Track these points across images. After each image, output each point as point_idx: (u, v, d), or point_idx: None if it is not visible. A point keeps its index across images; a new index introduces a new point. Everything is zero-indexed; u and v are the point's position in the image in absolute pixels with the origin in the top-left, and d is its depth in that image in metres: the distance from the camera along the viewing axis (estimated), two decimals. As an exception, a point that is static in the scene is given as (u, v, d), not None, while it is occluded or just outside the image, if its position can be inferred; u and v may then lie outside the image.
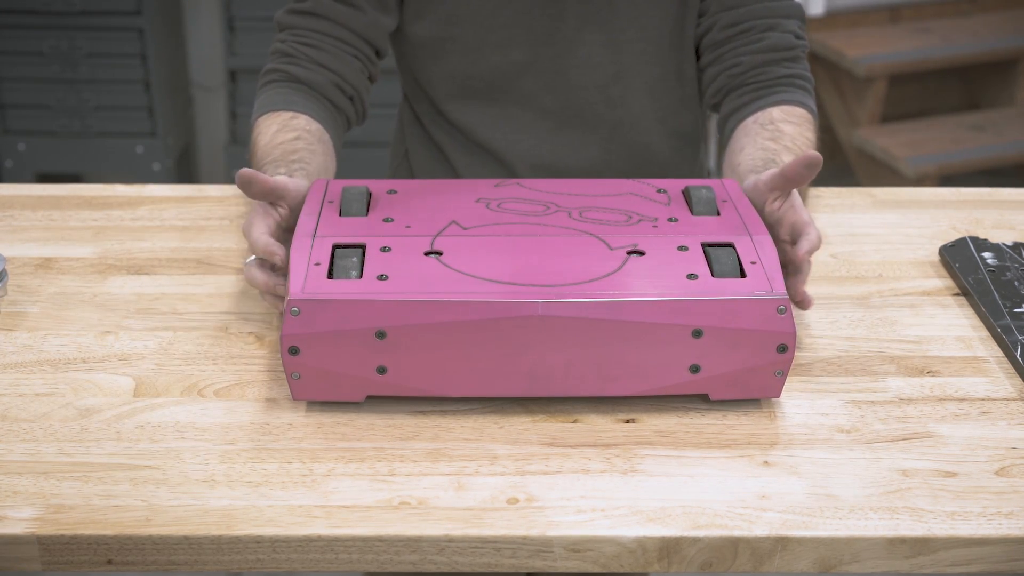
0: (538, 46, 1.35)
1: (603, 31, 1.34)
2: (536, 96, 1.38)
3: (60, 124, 3.06)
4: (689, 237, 1.04)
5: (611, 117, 1.39)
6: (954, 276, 1.21)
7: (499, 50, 1.35)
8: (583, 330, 0.95)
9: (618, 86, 1.37)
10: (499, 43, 1.35)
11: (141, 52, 2.98)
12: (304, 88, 1.29)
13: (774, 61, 1.32)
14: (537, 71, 1.36)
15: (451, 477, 0.92)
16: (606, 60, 1.35)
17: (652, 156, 1.42)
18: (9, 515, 0.87)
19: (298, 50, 1.31)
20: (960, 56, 3.45)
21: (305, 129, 1.24)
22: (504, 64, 1.36)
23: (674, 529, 0.87)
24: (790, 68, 1.32)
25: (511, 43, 1.35)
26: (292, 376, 0.97)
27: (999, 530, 0.87)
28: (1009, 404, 1.01)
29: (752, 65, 1.32)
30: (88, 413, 0.99)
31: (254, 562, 0.87)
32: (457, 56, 1.36)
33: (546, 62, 1.36)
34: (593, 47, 1.35)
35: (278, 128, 1.23)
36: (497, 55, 1.35)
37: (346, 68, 1.31)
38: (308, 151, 1.20)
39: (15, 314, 1.13)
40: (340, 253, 1.00)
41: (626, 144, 1.40)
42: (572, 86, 1.37)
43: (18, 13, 2.95)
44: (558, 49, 1.35)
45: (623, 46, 1.35)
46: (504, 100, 1.38)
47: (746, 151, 1.23)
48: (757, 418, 0.99)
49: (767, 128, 1.26)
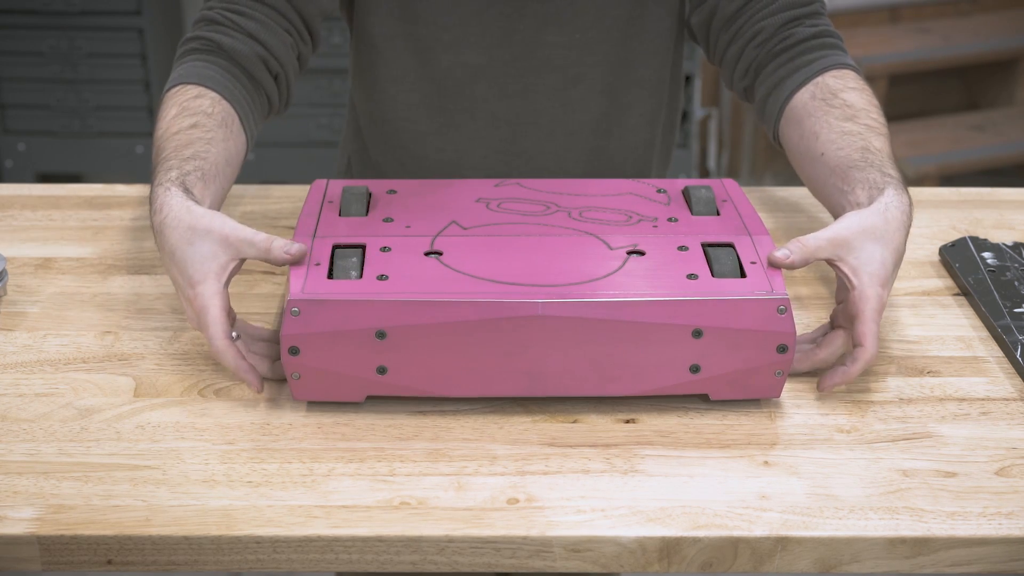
0: (492, 48, 1.28)
1: (564, 32, 1.27)
2: (488, 103, 1.30)
3: (60, 124, 3.06)
4: (689, 237, 1.04)
5: (569, 123, 1.32)
6: (954, 276, 1.21)
7: (450, 51, 1.28)
8: (583, 330, 0.95)
9: (577, 89, 1.30)
10: (451, 44, 1.27)
11: (141, 52, 2.98)
12: (224, 61, 1.16)
13: (796, 19, 1.21)
14: (491, 75, 1.29)
15: (451, 477, 0.92)
16: (567, 62, 1.29)
17: (607, 161, 1.35)
18: (9, 515, 0.87)
19: (226, 17, 1.18)
20: (960, 56, 3.45)
21: (206, 113, 1.10)
22: (455, 67, 1.28)
23: (674, 529, 0.87)
24: (815, 25, 1.22)
25: (463, 44, 1.27)
26: (292, 376, 0.97)
27: (999, 530, 0.87)
28: (1009, 404, 1.01)
29: (775, 29, 1.21)
30: (88, 413, 0.99)
31: (254, 562, 0.87)
32: (407, 56, 1.29)
33: (501, 65, 1.28)
34: (554, 48, 1.28)
35: (177, 112, 1.10)
36: (448, 57, 1.28)
37: (275, 41, 1.19)
38: (204, 141, 1.07)
39: (15, 314, 1.13)
40: (340, 253, 1.00)
41: (583, 150, 1.34)
42: (528, 91, 1.30)
43: (18, 13, 2.96)
44: (515, 52, 1.28)
45: (585, 47, 1.28)
46: (454, 108, 1.31)
47: (824, 137, 1.12)
48: (757, 418, 0.99)
49: (833, 105, 1.14)
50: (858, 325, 0.98)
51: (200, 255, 0.97)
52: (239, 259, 0.98)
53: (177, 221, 0.98)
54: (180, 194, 1.00)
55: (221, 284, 0.97)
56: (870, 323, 0.98)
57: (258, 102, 1.19)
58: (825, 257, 1.00)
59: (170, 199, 0.99)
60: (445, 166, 1.34)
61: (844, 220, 1.02)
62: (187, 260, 0.97)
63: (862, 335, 0.98)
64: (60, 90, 3.03)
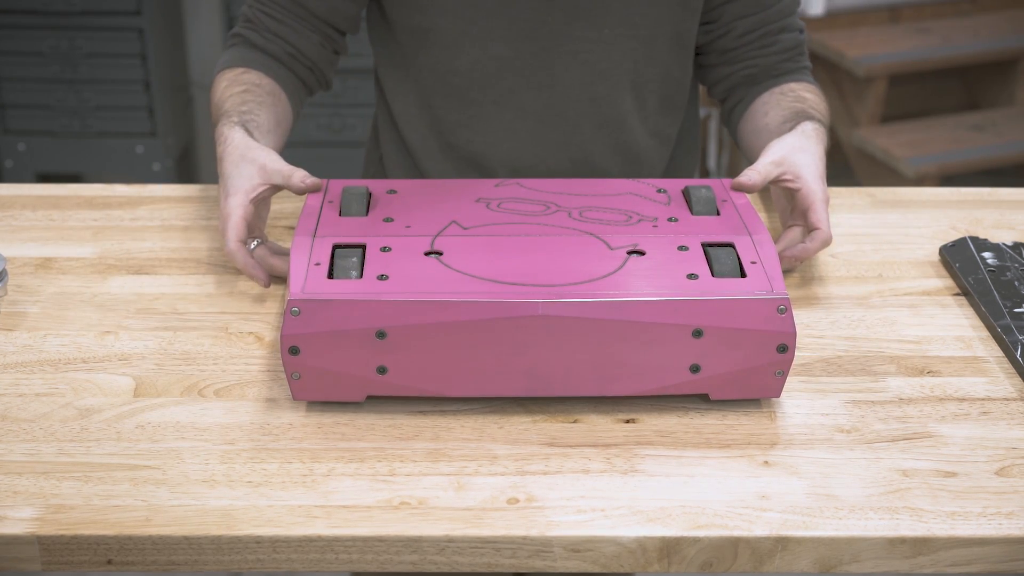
0: (520, 41, 1.31)
1: (593, 27, 1.31)
2: (516, 94, 1.33)
3: (60, 124, 3.06)
4: (689, 237, 1.04)
5: (595, 116, 1.35)
6: (954, 276, 1.21)
7: (478, 44, 1.31)
8: (583, 330, 0.95)
9: (604, 84, 1.34)
10: (479, 36, 1.31)
11: (141, 52, 2.98)
12: (259, 53, 1.32)
13: (786, 60, 1.37)
14: (518, 68, 1.32)
15: (451, 477, 0.92)
16: (594, 57, 1.32)
17: (633, 157, 1.39)
18: (9, 515, 0.87)
19: (259, 18, 1.33)
20: (960, 56, 3.45)
21: (255, 83, 1.28)
22: (484, 59, 1.31)
23: (674, 529, 0.87)
24: (798, 62, 1.38)
25: (491, 36, 1.30)
26: (292, 376, 0.97)
27: (999, 530, 0.87)
28: (1009, 404, 1.01)
29: (767, 66, 1.37)
30: (88, 413, 0.99)
31: (254, 562, 0.87)
32: (437, 49, 1.32)
33: (528, 58, 1.31)
34: (581, 42, 1.31)
35: (228, 83, 1.27)
36: (476, 49, 1.31)
37: (304, 42, 1.33)
38: (256, 103, 1.25)
39: (15, 314, 1.13)
40: (340, 253, 1.00)
41: (608, 144, 1.37)
42: (555, 83, 1.33)
43: (18, 13, 2.95)
44: (543, 44, 1.31)
45: (613, 43, 1.32)
46: (483, 100, 1.34)
47: (772, 113, 1.31)
48: (757, 418, 0.99)
49: (788, 95, 1.32)
50: (811, 215, 1.15)
51: (239, 176, 1.14)
52: (269, 184, 1.14)
53: (234, 149, 1.16)
54: (241, 131, 1.18)
55: (247, 199, 1.12)
56: (821, 211, 1.15)
57: (294, 83, 1.34)
58: (773, 177, 1.17)
59: (233, 133, 1.18)
60: (476, 157, 1.37)
61: (774, 145, 1.20)
62: (229, 178, 1.14)
63: (817, 221, 1.15)
64: (60, 90, 3.02)
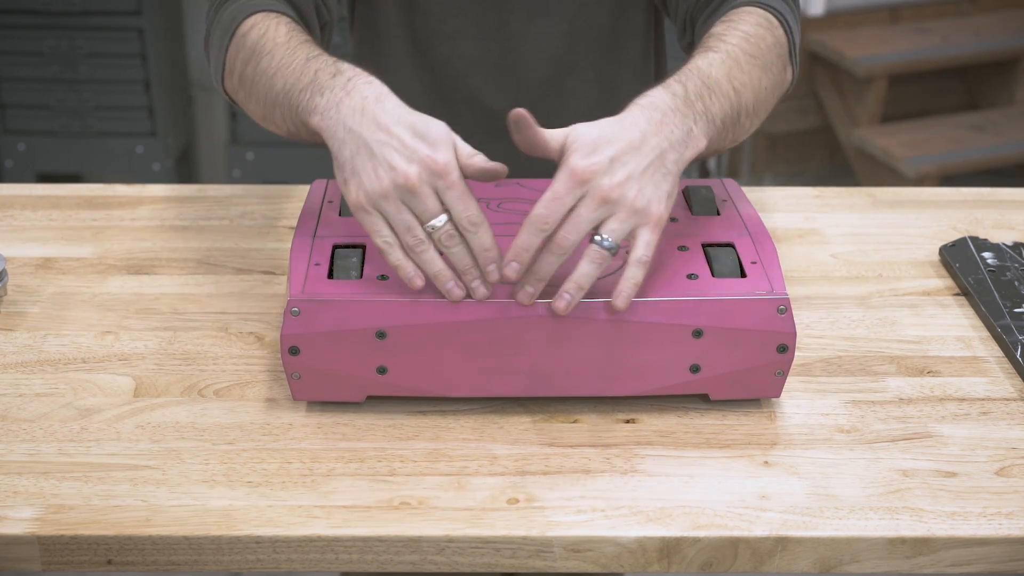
0: (486, 39, 1.31)
1: (554, 22, 1.30)
2: (483, 93, 1.33)
3: (60, 124, 3.05)
4: (689, 237, 1.04)
5: (564, 111, 1.33)
6: (954, 276, 1.21)
7: (448, 42, 1.31)
8: (583, 330, 0.95)
9: (571, 77, 1.33)
10: (449, 34, 1.31)
11: (141, 52, 2.98)
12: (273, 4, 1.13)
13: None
14: (486, 67, 1.32)
15: (451, 477, 0.92)
16: (559, 52, 1.31)
17: None
18: (9, 515, 0.87)
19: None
20: (960, 56, 3.45)
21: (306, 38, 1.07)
22: (452, 58, 1.31)
23: (674, 529, 0.87)
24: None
25: (460, 35, 1.30)
26: (292, 376, 0.97)
27: (999, 530, 0.87)
28: (1009, 404, 1.01)
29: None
30: (88, 413, 0.99)
31: (254, 562, 0.87)
32: (409, 46, 1.32)
33: (494, 58, 1.31)
34: (543, 39, 1.31)
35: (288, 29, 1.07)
36: (446, 47, 1.31)
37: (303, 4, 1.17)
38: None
39: (15, 314, 1.13)
40: (340, 253, 1.00)
41: None
42: (522, 82, 1.33)
43: (18, 13, 2.95)
44: (508, 44, 1.31)
45: (577, 35, 1.31)
46: (454, 98, 1.33)
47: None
48: (757, 418, 0.99)
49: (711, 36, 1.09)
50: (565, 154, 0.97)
51: (436, 121, 0.96)
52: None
53: (397, 101, 0.96)
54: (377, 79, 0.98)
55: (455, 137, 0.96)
56: (557, 135, 0.99)
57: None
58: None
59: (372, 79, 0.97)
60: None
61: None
62: (423, 116, 0.96)
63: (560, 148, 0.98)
64: (60, 90, 3.02)
